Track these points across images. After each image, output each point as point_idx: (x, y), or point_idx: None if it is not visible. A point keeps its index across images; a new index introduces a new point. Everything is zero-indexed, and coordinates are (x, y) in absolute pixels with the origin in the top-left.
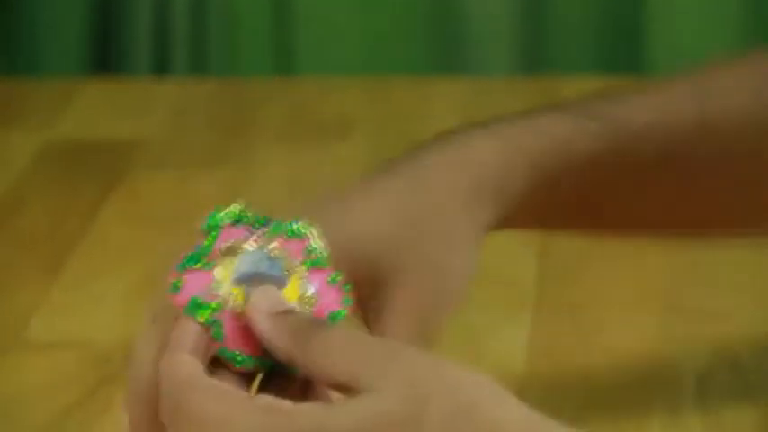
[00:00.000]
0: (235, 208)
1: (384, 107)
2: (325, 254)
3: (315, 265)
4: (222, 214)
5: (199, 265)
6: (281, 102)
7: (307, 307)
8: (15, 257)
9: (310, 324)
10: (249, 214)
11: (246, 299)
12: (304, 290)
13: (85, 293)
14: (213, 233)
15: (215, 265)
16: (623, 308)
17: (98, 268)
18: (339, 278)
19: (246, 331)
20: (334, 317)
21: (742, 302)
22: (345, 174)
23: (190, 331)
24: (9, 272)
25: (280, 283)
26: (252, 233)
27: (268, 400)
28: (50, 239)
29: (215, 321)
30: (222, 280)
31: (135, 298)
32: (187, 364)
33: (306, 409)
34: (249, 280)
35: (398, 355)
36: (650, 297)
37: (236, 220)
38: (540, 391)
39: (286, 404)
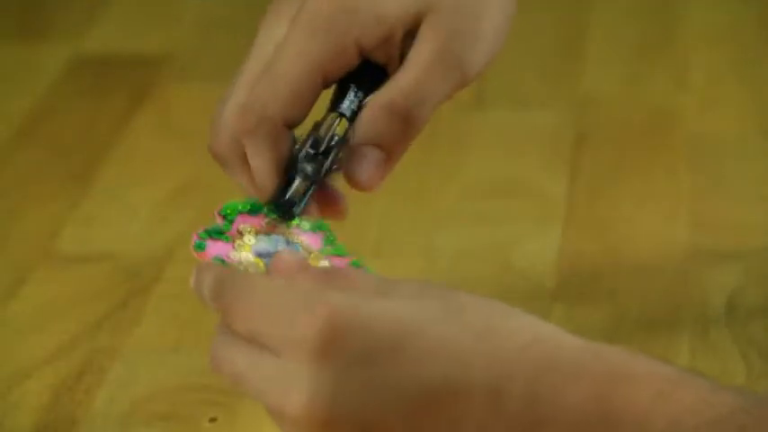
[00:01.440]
0: (251, 199)
1: None
2: (342, 245)
3: (335, 254)
4: (239, 203)
5: (219, 237)
6: None
7: None
8: (46, 168)
9: (337, 267)
10: (264, 207)
11: (265, 268)
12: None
13: (115, 205)
14: (230, 218)
15: (233, 240)
16: (652, 224)
17: (128, 180)
18: (361, 263)
19: None
20: None
21: None
22: None
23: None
24: (40, 182)
25: None
26: (270, 221)
27: (312, 285)
28: (81, 150)
29: None
30: (242, 252)
31: (165, 210)
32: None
33: (348, 291)
34: (265, 256)
35: (432, 283)
36: (679, 214)
37: (253, 210)
38: (568, 307)
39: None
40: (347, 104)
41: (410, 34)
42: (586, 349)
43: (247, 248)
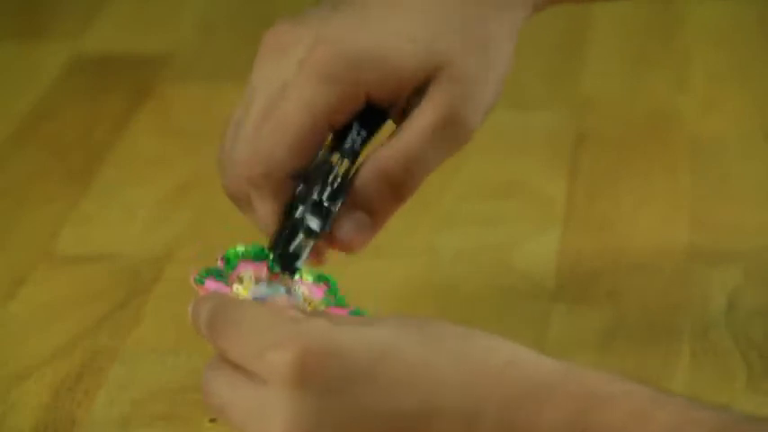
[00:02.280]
0: (256, 245)
1: None
2: (344, 297)
3: (336, 305)
4: (242, 249)
5: (218, 278)
6: None
7: None
8: (45, 168)
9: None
10: (269, 253)
11: None
12: None
13: (115, 205)
14: (232, 262)
15: (231, 284)
16: (652, 225)
17: (128, 180)
18: (364, 312)
19: None
20: None
21: None
22: None
23: None
24: (39, 183)
25: None
26: (272, 273)
27: (297, 312)
28: (80, 150)
29: None
30: (240, 294)
31: (164, 210)
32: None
33: (329, 321)
34: (262, 300)
35: (412, 315)
36: (679, 214)
37: (257, 256)
38: (568, 307)
39: (303, 316)
40: (350, 145)
41: (419, 89)
42: (562, 371)
43: (245, 292)
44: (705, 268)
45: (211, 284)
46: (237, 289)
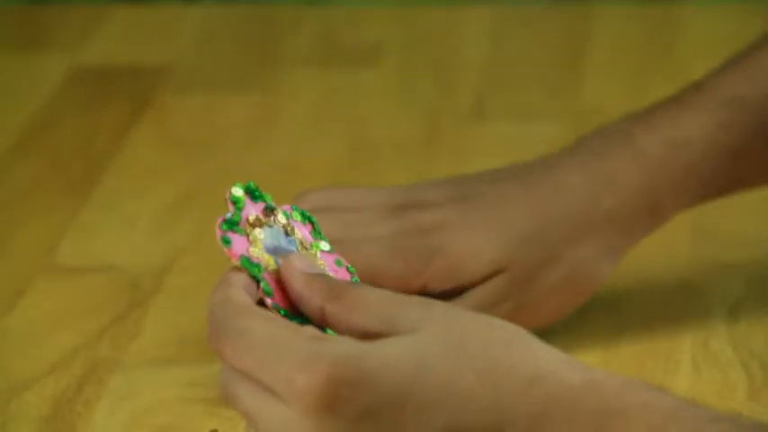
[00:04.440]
0: (251, 183)
1: (414, 34)
2: (327, 238)
3: (324, 249)
4: (242, 186)
5: (236, 229)
6: (311, 27)
7: None
8: (45, 179)
9: (342, 282)
10: (261, 192)
11: (276, 266)
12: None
13: (114, 216)
14: (239, 204)
15: (247, 234)
16: (653, 235)
17: (127, 191)
18: (343, 261)
19: (285, 291)
20: None
21: None
22: (373, 101)
23: (242, 275)
24: (39, 194)
25: None
26: (269, 210)
27: (314, 330)
28: (80, 161)
29: (263, 278)
30: (255, 248)
31: (164, 221)
32: (241, 295)
33: (350, 341)
34: (274, 252)
35: (433, 305)
36: (680, 223)
37: (254, 195)
38: (569, 318)
39: (331, 335)
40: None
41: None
42: (582, 385)
43: (258, 245)
44: (706, 278)
45: (236, 242)
46: (253, 241)
